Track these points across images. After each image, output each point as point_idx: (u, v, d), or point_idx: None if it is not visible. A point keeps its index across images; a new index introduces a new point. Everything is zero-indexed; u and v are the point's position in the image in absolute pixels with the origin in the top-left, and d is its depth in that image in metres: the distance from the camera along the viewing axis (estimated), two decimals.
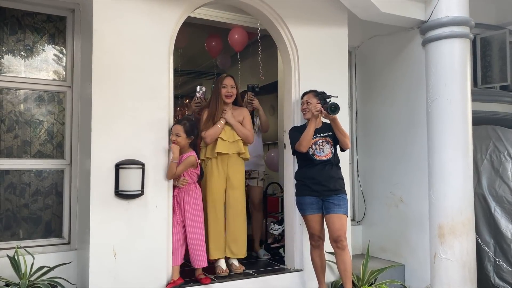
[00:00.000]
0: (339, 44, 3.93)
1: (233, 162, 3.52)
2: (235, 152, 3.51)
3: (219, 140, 3.44)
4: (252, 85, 4.07)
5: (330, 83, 3.72)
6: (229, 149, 3.47)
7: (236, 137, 3.50)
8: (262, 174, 4.26)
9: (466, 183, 3.72)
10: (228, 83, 3.53)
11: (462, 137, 3.73)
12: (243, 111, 3.64)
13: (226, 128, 3.48)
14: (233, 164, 3.53)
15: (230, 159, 3.50)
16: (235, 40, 4.88)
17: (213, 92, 3.59)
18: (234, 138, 3.49)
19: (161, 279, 3.07)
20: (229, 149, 3.47)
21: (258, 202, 4.24)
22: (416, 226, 4.11)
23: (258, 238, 4.26)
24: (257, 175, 4.22)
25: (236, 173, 3.54)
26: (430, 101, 3.86)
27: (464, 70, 3.77)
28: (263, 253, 4.17)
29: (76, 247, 3.39)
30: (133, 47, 3.05)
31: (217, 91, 3.53)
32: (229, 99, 3.51)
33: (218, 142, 3.44)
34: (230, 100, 3.52)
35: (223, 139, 3.45)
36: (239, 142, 3.51)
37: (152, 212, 3.06)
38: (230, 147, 3.48)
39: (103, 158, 2.92)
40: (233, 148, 3.49)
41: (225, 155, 3.48)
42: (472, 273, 3.67)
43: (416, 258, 4.11)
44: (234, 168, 3.53)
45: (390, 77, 4.47)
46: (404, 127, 4.29)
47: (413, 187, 4.15)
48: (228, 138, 3.47)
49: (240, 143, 3.51)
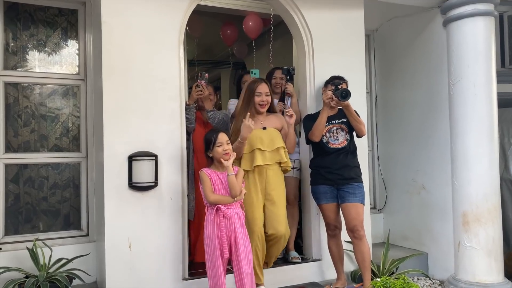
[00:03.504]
0: (356, 27, 3.79)
1: (273, 173, 3.04)
2: (276, 162, 3.07)
3: (257, 151, 2.99)
4: (288, 68, 3.55)
5: (346, 69, 3.60)
6: (269, 159, 3.03)
7: (276, 143, 3.04)
8: (297, 163, 3.67)
9: (492, 169, 3.55)
10: (263, 90, 3.07)
11: (487, 120, 3.55)
12: (280, 118, 3.20)
13: (264, 135, 3.03)
14: (273, 176, 3.04)
15: (269, 171, 3.03)
16: (249, 27, 4.81)
17: (244, 99, 3.15)
18: (274, 145, 3.03)
19: (177, 271, 3.07)
20: (269, 160, 3.03)
21: (293, 197, 3.63)
22: (439, 214, 3.98)
23: (293, 237, 3.68)
24: (292, 163, 3.48)
25: (277, 187, 3.06)
26: (452, 83, 3.69)
27: (489, 50, 3.57)
28: (294, 255, 3.60)
29: (94, 239, 3.44)
30: (142, 38, 3.02)
31: (249, 99, 3.10)
32: (263, 108, 3.09)
33: (256, 154, 2.99)
34: (264, 109, 3.10)
35: (261, 149, 3.00)
36: (280, 150, 3.05)
37: (166, 203, 3.05)
38: (269, 157, 3.02)
39: (116, 151, 2.92)
40: (273, 158, 3.04)
41: (264, 166, 3.02)
42: (498, 262, 3.52)
43: (439, 247, 3.99)
44: (274, 181, 3.04)
45: (410, 60, 4.31)
46: (425, 112, 4.13)
47: (436, 173, 4.01)
48: (267, 146, 3.01)
49: (281, 151, 3.05)
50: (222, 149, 2.71)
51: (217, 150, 2.71)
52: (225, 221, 2.67)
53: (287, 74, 3.53)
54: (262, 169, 3.01)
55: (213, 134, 2.76)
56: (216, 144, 2.71)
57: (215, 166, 2.79)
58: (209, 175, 2.72)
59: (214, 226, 2.67)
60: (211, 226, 2.69)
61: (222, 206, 2.67)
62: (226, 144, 2.73)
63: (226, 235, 2.66)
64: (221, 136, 2.74)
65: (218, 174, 2.73)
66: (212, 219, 2.68)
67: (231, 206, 2.71)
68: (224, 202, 2.69)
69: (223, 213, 2.66)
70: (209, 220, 2.71)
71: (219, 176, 2.73)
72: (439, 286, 3.81)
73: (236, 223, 2.71)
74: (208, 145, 2.75)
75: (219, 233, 2.65)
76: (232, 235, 2.69)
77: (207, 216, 2.74)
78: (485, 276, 3.47)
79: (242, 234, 2.72)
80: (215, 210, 2.68)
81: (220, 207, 2.66)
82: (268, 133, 3.05)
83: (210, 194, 2.68)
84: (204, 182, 2.71)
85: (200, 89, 3.40)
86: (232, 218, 2.69)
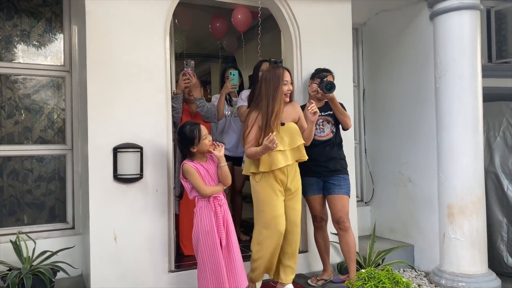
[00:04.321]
0: (343, 20, 3.80)
1: (291, 169, 2.86)
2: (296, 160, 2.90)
3: (277, 153, 2.75)
4: (275, 60, 3.43)
5: (333, 61, 3.61)
6: (290, 158, 2.83)
7: (297, 140, 2.82)
8: None
9: (476, 161, 3.59)
10: (288, 78, 2.87)
11: (472, 113, 3.58)
12: (295, 108, 2.95)
13: (285, 132, 2.81)
14: (291, 171, 2.86)
15: (289, 168, 2.84)
16: (238, 21, 4.77)
17: (267, 90, 2.81)
18: (295, 143, 2.82)
19: (163, 263, 3.06)
20: (291, 159, 2.83)
21: None
22: (425, 206, 4.02)
23: None
24: None
25: (295, 181, 2.90)
26: (438, 77, 3.71)
27: (474, 44, 3.60)
28: None
29: (80, 231, 3.42)
30: (128, 28, 2.99)
31: (275, 89, 2.79)
32: (288, 97, 2.90)
33: (276, 155, 2.75)
34: (288, 99, 2.90)
35: (281, 150, 2.77)
36: (300, 147, 2.85)
37: (152, 196, 3.04)
38: (291, 156, 2.83)
39: (101, 143, 2.90)
40: (294, 156, 2.85)
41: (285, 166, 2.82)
42: (482, 253, 3.57)
43: (425, 239, 4.03)
44: (292, 176, 2.87)
45: (398, 53, 4.33)
46: (412, 105, 4.16)
47: (422, 166, 4.04)
48: (288, 145, 2.81)
49: (301, 148, 2.85)
50: (209, 140, 2.70)
51: (205, 143, 2.68)
52: (220, 209, 2.66)
53: None
54: (283, 167, 2.81)
55: (194, 129, 2.67)
56: (202, 138, 2.68)
57: (197, 158, 2.73)
58: (196, 168, 2.68)
59: (212, 217, 2.63)
60: (207, 217, 2.64)
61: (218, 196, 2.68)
62: (209, 134, 2.75)
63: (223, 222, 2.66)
64: (203, 128, 2.72)
65: (203, 164, 2.72)
66: (207, 211, 2.64)
67: (220, 194, 2.72)
68: (216, 192, 2.68)
69: (219, 202, 2.65)
70: (202, 213, 2.65)
71: (204, 167, 2.71)
72: (425, 277, 3.85)
73: (227, 210, 2.73)
74: (191, 139, 2.66)
75: (218, 222, 2.62)
76: (226, 224, 2.69)
77: (200, 208, 2.67)
78: (469, 267, 3.51)
79: (232, 225, 2.74)
80: (212, 200, 2.65)
81: (216, 196, 2.66)
82: (288, 130, 2.83)
83: (204, 187, 2.64)
84: (194, 175, 2.64)
85: (187, 77, 3.32)
86: (224, 205, 2.70)
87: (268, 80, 2.83)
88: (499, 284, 3.51)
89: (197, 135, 2.66)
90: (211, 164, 2.75)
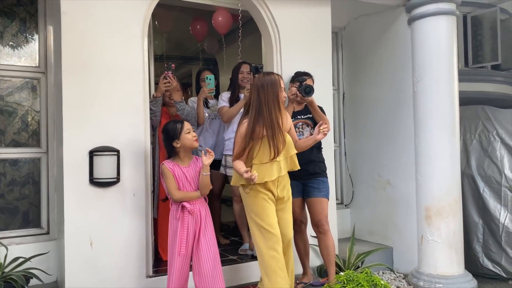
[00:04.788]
0: (323, 24, 3.82)
1: (282, 178, 2.73)
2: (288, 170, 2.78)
3: (271, 163, 2.63)
4: (256, 66, 3.43)
5: (313, 65, 3.62)
6: (284, 169, 2.71)
7: (290, 151, 2.70)
8: None
9: (453, 164, 3.65)
10: (283, 84, 2.74)
11: (449, 117, 3.64)
12: (287, 116, 2.82)
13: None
14: (282, 181, 2.73)
15: (280, 178, 2.71)
16: (219, 23, 4.76)
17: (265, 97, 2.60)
18: (288, 153, 2.69)
19: (141, 268, 3.01)
20: (284, 170, 2.71)
21: None
22: (404, 208, 4.06)
23: None
24: None
25: (285, 189, 2.78)
26: (416, 81, 3.76)
27: (451, 49, 3.66)
28: None
29: (55, 237, 3.34)
30: (105, 29, 2.94)
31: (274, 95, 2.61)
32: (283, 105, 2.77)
33: (270, 166, 2.63)
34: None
35: (276, 160, 2.64)
36: (293, 157, 2.74)
37: (129, 200, 2.99)
38: (284, 167, 2.71)
39: (76, 146, 2.83)
40: (287, 167, 2.74)
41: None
42: (459, 254, 3.62)
43: (403, 241, 4.07)
44: (283, 185, 2.75)
45: (377, 58, 4.37)
46: (390, 109, 4.20)
47: (400, 169, 4.08)
48: (282, 156, 2.67)
49: (294, 159, 2.74)
50: (192, 135, 2.67)
51: (187, 137, 2.65)
52: (191, 218, 2.62)
53: (255, 72, 3.40)
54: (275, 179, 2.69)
55: (176, 123, 2.68)
56: (184, 131, 2.65)
57: (179, 159, 2.70)
58: (172, 169, 2.64)
59: (178, 224, 2.62)
60: (175, 223, 2.64)
61: (187, 203, 2.62)
62: (193, 131, 2.71)
63: (192, 231, 2.62)
64: (186, 124, 2.70)
65: (182, 168, 2.68)
66: (178, 217, 2.62)
67: (197, 202, 2.67)
68: (190, 199, 2.64)
69: (188, 210, 2.61)
70: (173, 217, 2.66)
71: (182, 171, 2.68)
72: (403, 279, 3.88)
73: (203, 218, 2.67)
74: (173, 134, 2.65)
75: (182, 230, 2.59)
76: (197, 231, 2.65)
77: (172, 212, 2.68)
78: (446, 269, 3.56)
79: (206, 232, 2.67)
80: (180, 207, 2.63)
81: (185, 205, 2.61)
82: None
83: (175, 191, 2.62)
84: (168, 178, 2.63)
85: (167, 80, 3.28)
86: (198, 214, 2.65)
87: (266, 87, 2.60)
88: (475, 285, 3.57)
89: (179, 128, 2.65)
90: (192, 169, 2.71)
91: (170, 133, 2.67)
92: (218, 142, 3.86)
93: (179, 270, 2.61)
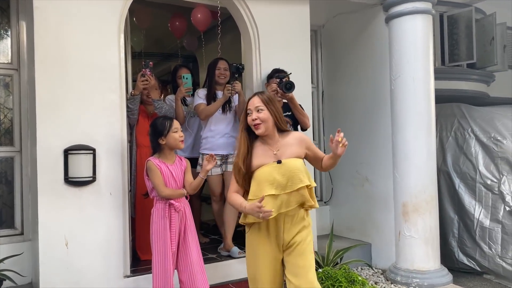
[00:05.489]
0: (301, 22, 3.82)
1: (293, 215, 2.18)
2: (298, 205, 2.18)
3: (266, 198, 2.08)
4: (237, 65, 3.31)
5: (292, 62, 3.63)
6: (286, 204, 2.13)
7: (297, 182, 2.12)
8: None
9: (429, 161, 3.71)
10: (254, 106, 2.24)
11: (425, 115, 3.70)
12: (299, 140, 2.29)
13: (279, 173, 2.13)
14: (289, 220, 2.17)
15: (287, 217, 2.17)
16: (198, 20, 4.71)
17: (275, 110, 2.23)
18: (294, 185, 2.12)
19: (118, 268, 2.97)
20: (286, 205, 2.13)
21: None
22: (382, 205, 4.11)
23: (231, 232, 3.49)
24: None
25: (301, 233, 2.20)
26: (393, 79, 3.81)
27: (427, 47, 3.73)
28: (237, 251, 3.42)
29: (30, 237, 3.26)
30: (79, 25, 2.87)
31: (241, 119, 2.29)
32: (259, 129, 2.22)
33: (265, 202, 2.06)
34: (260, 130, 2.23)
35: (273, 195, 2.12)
36: (302, 191, 2.13)
37: (106, 199, 2.94)
38: (287, 202, 2.13)
39: (50, 144, 2.77)
40: (292, 201, 2.14)
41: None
42: (435, 249, 3.69)
43: (382, 237, 4.13)
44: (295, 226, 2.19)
45: (355, 56, 4.41)
46: (369, 106, 4.25)
47: (378, 166, 4.14)
48: (283, 189, 2.12)
49: (304, 192, 2.14)
50: (179, 135, 2.63)
51: (174, 136, 2.61)
52: (176, 215, 2.60)
53: (235, 72, 3.36)
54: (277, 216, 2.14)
55: (166, 120, 2.65)
56: (172, 130, 2.61)
57: (165, 157, 2.66)
58: (159, 166, 2.60)
59: (166, 221, 2.58)
60: (161, 221, 2.59)
61: (174, 201, 2.59)
62: (180, 130, 2.66)
63: (177, 229, 2.60)
64: (176, 122, 2.67)
65: (168, 166, 2.64)
66: (163, 214, 2.59)
67: (181, 200, 2.65)
68: (177, 196, 2.61)
69: (175, 208, 2.58)
70: (158, 214, 2.60)
71: (169, 168, 2.63)
72: (381, 275, 3.94)
73: (187, 216, 2.66)
74: (161, 131, 2.61)
75: (171, 228, 2.57)
76: (182, 229, 2.63)
77: (156, 210, 2.62)
78: (423, 264, 3.63)
79: (191, 229, 2.67)
80: (168, 205, 2.59)
81: (173, 202, 2.58)
82: (286, 169, 2.14)
83: (163, 188, 2.58)
84: (155, 174, 2.58)
85: (145, 78, 3.17)
86: (184, 212, 2.63)
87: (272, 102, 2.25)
88: (450, 279, 3.65)
89: (167, 126, 2.61)
90: (177, 168, 2.68)
91: (158, 128, 2.63)
92: (196, 140, 3.82)
93: (167, 268, 2.56)
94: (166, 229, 2.57)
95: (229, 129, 3.51)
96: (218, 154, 3.40)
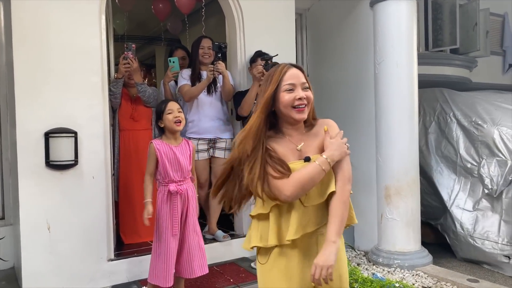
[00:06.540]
0: (286, 5, 3.80)
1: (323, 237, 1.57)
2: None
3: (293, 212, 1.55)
4: (219, 44, 3.20)
5: (276, 46, 3.60)
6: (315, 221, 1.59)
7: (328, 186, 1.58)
8: (229, 142, 3.44)
9: (412, 145, 3.75)
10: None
11: (408, 99, 3.73)
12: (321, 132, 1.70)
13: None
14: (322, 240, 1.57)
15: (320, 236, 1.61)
16: (181, 2, 4.64)
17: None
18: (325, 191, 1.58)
19: (102, 252, 2.96)
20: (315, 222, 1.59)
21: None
22: (365, 188, 4.15)
23: (216, 217, 3.53)
24: (224, 144, 3.44)
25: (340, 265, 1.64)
26: (377, 63, 3.82)
27: (411, 32, 3.73)
28: (222, 235, 3.47)
29: (11, 222, 3.23)
30: (59, 6, 2.81)
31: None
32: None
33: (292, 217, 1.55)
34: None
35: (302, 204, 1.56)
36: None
37: (88, 183, 2.91)
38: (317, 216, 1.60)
39: (30, 127, 2.72)
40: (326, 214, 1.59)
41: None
42: (416, 232, 3.77)
43: (365, 220, 4.16)
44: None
45: (340, 40, 4.40)
46: (353, 91, 4.26)
47: (362, 150, 4.16)
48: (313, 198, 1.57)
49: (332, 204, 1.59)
50: (173, 116, 2.60)
51: (167, 118, 2.59)
52: (179, 197, 2.58)
53: (218, 51, 3.26)
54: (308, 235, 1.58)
55: (163, 103, 2.68)
56: (166, 112, 2.59)
57: (167, 138, 2.64)
58: (158, 149, 2.57)
59: (167, 205, 2.57)
60: (163, 204, 2.58)
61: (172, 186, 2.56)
62: (177, 111, 2.61)
63: (179, 212, 2.59)
64: (171, 104, 2.64)
65: (172, 147, 2.60)
66: (164, 198, 2.58)
67: (184, 182, 2.63)
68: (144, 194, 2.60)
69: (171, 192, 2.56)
70: (161, 198, 2.59)
71: (173, 150, 2.59)
72: (364, 256, 4.01)
73: (190, 199, 2.63)
74: (158, 113, 2.64)
75: (173, 212, 2.56)
76: (185, 211, 2.62)
77: (159, 193, 2.61)
78: (404, 245, 3.70)
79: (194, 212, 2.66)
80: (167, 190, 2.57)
81: (170, 188, 2.56)
82: None
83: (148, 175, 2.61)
84: (150, 158, 2.58)
85: (127, 61, 3.13)
86: (186, 194, 2.61)
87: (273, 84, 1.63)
88: (430, 260, 3.73)
89: (162, 108, 2.62)
90: (184, 151, 2.64)
91: (156, 111, 2.69)
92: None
93: (170, 251, 2.56)
94: (167, 213, 2.57)
95: (216, 112, 3.47)
96: (205, 138, 3.39)
